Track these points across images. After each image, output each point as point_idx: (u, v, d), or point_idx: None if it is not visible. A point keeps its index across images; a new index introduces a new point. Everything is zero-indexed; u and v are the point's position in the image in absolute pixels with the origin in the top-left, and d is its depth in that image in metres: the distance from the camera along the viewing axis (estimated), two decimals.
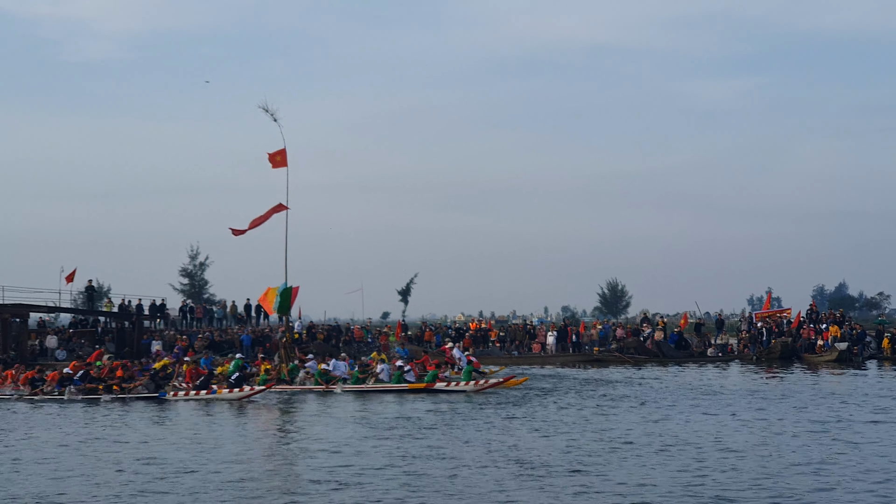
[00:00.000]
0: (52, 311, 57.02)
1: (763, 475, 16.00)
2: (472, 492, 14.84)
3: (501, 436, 20.92)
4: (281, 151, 35.46)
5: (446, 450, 18.94)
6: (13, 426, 24.26)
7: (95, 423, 24.66)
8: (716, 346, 52.89)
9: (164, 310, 60.94)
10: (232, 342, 52.22)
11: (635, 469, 16.73)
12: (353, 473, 16.40)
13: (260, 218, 35.00)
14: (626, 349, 50.99)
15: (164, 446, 20.22)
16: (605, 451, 18.55)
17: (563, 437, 20.60)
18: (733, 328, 62.66)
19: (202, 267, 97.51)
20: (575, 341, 53.91)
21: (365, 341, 53.25)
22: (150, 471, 17.09)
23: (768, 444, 19.81)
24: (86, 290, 60.46)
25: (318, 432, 22.05)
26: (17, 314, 51.93)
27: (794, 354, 48.25)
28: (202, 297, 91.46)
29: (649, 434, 21.06)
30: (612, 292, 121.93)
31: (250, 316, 61.42)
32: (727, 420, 23.97)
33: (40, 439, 21.55)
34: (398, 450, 19.03)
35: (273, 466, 17.69)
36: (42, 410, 28.30)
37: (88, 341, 53.38)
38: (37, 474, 16.93)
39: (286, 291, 34.71)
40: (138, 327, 55.07)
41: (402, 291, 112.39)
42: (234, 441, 21.09)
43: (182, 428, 23.66)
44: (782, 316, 54.03)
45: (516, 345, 54.32)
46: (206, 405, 29.16)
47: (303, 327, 55.05)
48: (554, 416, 24.76)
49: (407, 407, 27.76)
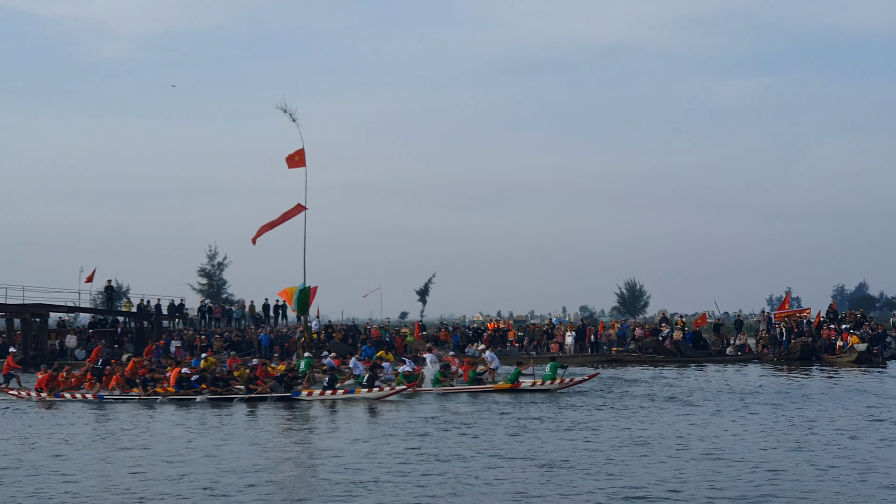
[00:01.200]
0: (71, 311, 57.35)
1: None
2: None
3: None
4: (299, 151, 35.51)
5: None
6: (208, 431, 23.35)
7: (279, 426, 24.20)
8: (735, 346, 52.66)
9: (182, 310, 61.14)
10: (250, 342, 52.33)
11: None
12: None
13: (277, 219, 35.04)
14: (645, 349, 50.85)
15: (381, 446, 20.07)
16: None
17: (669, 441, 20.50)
18: (752, 328, 62.39)
19: (220, 267, 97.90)
20: (593, 341, 53.81)
21: (383, 341, 53.19)
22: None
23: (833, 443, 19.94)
24: (105, 290, 60.72)
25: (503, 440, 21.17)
26: (38, 314, 52.25)
27: (813, 355, 47.99)
28: (220, 298, 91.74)
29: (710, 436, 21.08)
30: (631, 292, 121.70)
31: (268, 316, 61.55)
32: (777, 419, 24.09)
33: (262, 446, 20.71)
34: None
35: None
36: (197, 413, 27.28)
37: (108, 341, 53.56)
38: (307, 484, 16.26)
39: (304, 291, 34.74)
40: (157, 327, 55.29)
41: (421, 291, 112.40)
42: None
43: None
44: (802, 316, 53.81)
45: (534, 345, 54.22)
46: (336, 405, 28.84)
47: (320, 327, 55.08)
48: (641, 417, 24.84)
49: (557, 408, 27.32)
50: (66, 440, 21.57)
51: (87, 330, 56.76)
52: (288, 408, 28.16)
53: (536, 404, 28.17)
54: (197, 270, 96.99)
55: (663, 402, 28.41)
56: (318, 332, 51.86)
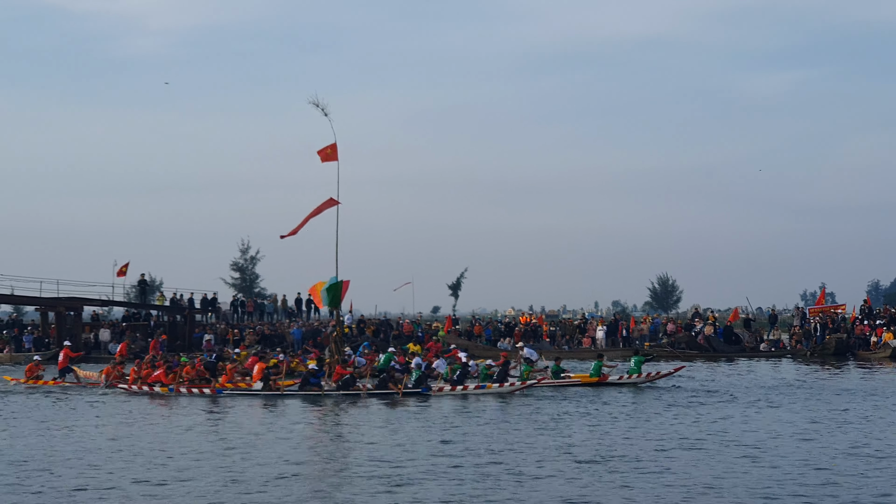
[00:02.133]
0: (105, 304, 57.73)
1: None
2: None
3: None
4: (332, 146, 35.45)
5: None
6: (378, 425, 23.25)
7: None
8: (768, 341, 52.37)
9: (215, 304, 61.40)
10: (283, 336, 52.51)
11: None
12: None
13: (310, 214, 35.05)
14: (677, 344, 50.64)
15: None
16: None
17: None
18: (786, 324, 62.01)
19: (253, 261, 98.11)
20: (625, 336, 53.71)
21: (415, 335, 53.22)
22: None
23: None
24: (138, 283, 61.17)
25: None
26: (72, 308, 52.64)
27: (848, 351, 47.63)
28: (253, 292, 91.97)
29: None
30: (663, 287, 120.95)
31: (301, 310, 61.72)
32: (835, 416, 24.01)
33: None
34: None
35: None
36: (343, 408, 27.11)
37: (141, 335, 53.93)
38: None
39: (336, 285, 34.72)
40: (190, 321, 55.54)
41: (453, 286, 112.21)
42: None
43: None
44: (837, 312, 53.43)
45: (566, 339, 54.16)
46: (467, 400, 28.71)
47: (353, 321, 55.17)
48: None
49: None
50: (285, 438, 20.90)
51: (121, 323, 57.14)
52: (424, 402, 28.01)
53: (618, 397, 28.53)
54: (230, 264, 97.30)
55: (706, 397, 28.56)
56: (350, 327, 51.90)
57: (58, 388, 33.32)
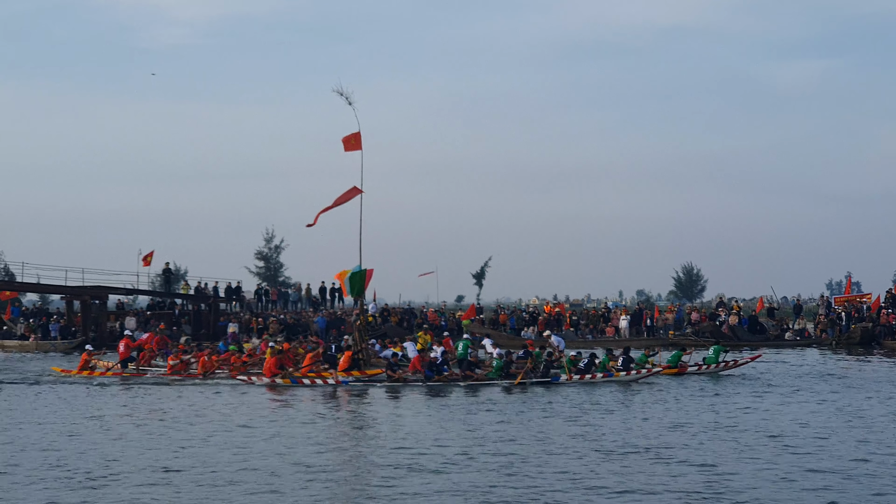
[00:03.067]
0: (130, 293, 58.03)
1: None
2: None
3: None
4: (355, 135, 35.42)
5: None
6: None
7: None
8: (794, 330, 52.15)
9: (239, 293, 61.60)
10: (306, 325, 52.62)
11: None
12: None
13: (334, 202, 35.06)
14: (702, 333, 50.46)
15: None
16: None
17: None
18: (811, 313, 61.74)
19: (277, 250, 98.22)
20: (649, 325, 53.59)
21: (438, 324, 53.23)
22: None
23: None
24: (163, 272, 61.44)
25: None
26: (97, 296, 52.94)
27: (873, 340, 47.38)
28: (277, 280, 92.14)
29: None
30: (688, 276, 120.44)
31: (325, 299, 61.82)
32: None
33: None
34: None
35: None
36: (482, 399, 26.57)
37: (166, 323, 54.16)
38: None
39: (359, 274, 34.74)
40: (214, 310, 55.75)
41: (477, 275, 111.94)
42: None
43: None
44: (862, 301, 53.14)
45: (590, 329, 54.09)
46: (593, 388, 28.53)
47: (377, 310, 55.20)
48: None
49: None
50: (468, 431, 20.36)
51: (146, 312, 57.42)
52: (549, 391, 27.80)
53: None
54: (254, 253, 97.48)
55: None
56: (374, 315, 51.91)
57: (139, 380, 32.39)
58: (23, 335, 51.74)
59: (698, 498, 13.65)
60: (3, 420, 22.09)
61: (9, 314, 55.90)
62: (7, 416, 22.92)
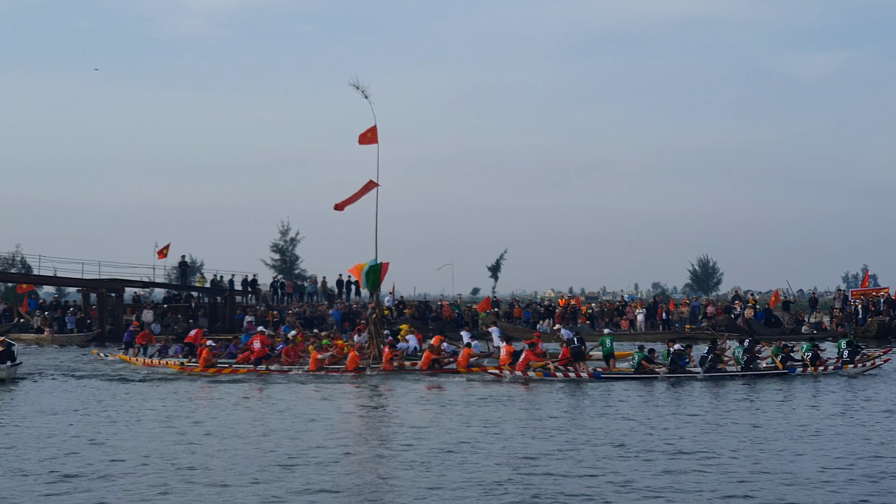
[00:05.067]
0: (146, 286, 58.22)
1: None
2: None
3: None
4: (371, 129, 35.49)
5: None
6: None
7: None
8: (810, 324, 52.01)
9: (255, 285, 61.77)
10: (322, 318, 52.72)
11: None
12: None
13: (353, 196, 35.13)
14: (717, 326, 50.37)
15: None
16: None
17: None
18: (827, 306, 61.57)
19: (293, 242, 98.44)
20: (664, 318, 53.49)
21: (453, 317, 53.25)
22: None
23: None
24: (179, 265, 61.56)
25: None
26: (113, 289, 53.13)
27: (890, 333, 47.24)
28: (293, 273, 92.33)
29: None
30: (704, 269, 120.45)
31: (341, 291, 61.90)
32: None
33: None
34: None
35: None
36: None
37: (183, 316, 54.35)
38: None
39: (376, 268, 34.81)
40: (230, 303, 55.89)
41: (492, 267, 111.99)
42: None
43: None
44: (879, 295, 52.97)
45: (605, 322, 54.02)
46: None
47: (393, 303, 55.25)
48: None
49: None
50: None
51: (162, 305, 57.58)
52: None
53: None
54: (270, 246, 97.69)
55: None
56: (389, 308, 51.92)
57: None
58: (39, 328, 51.93)
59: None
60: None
61: (26, 307, 56.10)
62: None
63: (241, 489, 13.72)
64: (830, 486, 13.92)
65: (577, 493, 13.41)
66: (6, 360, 29.53)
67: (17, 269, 74.25)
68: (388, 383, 28.48)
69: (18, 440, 18.02)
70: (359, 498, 13.36)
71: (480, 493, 13.38)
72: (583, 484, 14.01)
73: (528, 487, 13.76)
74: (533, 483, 14.06)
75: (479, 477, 14.44)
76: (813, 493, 13.47)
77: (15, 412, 22.20)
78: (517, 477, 14.45)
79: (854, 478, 14.41)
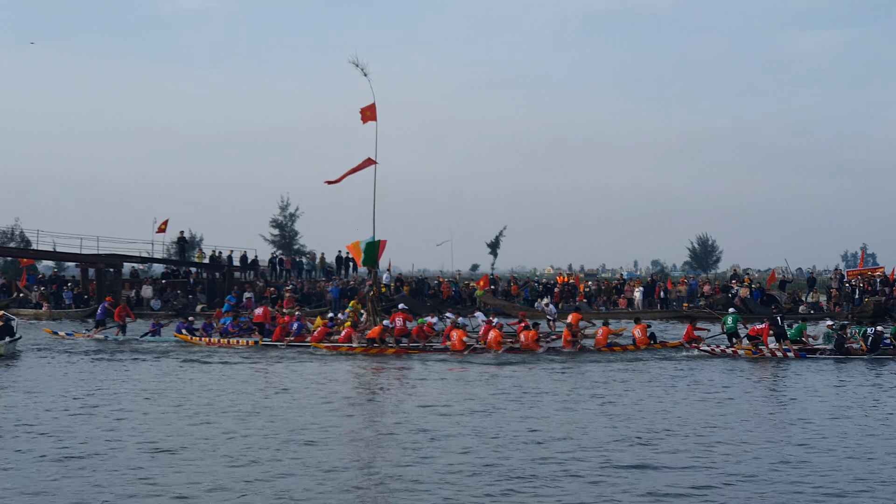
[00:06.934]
0: (145, 261, 58.23)
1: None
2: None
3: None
4: (371, 106, 35.54)
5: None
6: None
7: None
8: (807, 303, 52.00)
9: (255, 263, 61.82)
10: (321, 294, 52.74)
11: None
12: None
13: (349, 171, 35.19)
14: (715, 305, 50.41)
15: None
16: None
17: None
18: (824, 285, 61.56)
19: (292, 218, 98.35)
20: (662, 297, 53.53)
21: (450, 294, 53.23)
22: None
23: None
24: (178, 241, 61.55)
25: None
26: (112, 264, 53.15)
27: (886, 313, 47.25)
28: (292, 249, 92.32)
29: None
30: (703, 247, 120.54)
31: (340, 268, 61.91)
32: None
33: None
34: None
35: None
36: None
37: (182, 292, 54.36)
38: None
39: (373, 244, 34.88)
40: (229, 279, 55.92)
41: (492, 244, 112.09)
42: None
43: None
44: (875, 275, 52.98)
45: (603, 300, 54.06)
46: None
47: (391, 279, 55.18)
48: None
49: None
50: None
51: (161, 280, 57.59)
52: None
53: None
54: (269, 221, 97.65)
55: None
56: (387, 285, 51.92)
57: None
58: (37, 303, 51.99)
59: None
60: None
61: (24, 281, 56.15)
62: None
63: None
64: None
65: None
66: (5, 336, 29.61)
67: (16, 243, 74.31)
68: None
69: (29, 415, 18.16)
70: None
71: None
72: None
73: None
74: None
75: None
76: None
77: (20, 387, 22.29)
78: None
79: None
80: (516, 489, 12.55)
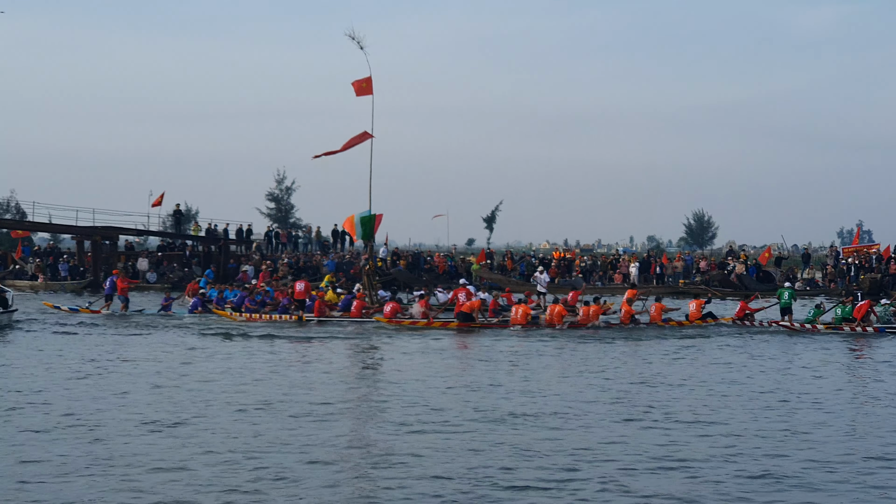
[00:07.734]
0: (140, 234, 58.16)
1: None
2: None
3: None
4: (367, 79, 35.46)
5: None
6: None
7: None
8: (803, 280, 52.01)
9: (250, 235, 61.77)
10: (316, 268, 52.70)
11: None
12: None
13: (344, 146, 35.13)
14: (711, 282, 50.46)
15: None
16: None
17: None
18: (820, 262, 61.57)
19: (289, 191, 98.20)
20: (658, 273, 53.53)
21: (446, 269, 53.16)
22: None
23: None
24: (174, 213, 61.50)
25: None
26: (108, 237, 53.08)
27: (881, 290, 47.29)
28: (288, 222, 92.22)
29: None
30: (699, 223, 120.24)
31: (336, 241, 61.88)
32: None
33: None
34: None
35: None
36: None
37: (178, 264, 54.32)
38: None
39: (368, 218, 34.85)
40: (225, 252, 55.85)
41: (488, 219, 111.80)
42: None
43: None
44: (871, 252, 53.02)
45: (599, 275, 54.06)
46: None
47: (388, 253, 55.16)
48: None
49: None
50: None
51: (157, 253, 57.57)
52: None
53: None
54: (265, 194, 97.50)
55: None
56: (383, 260, 51.84)
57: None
58: (33, 275, 51.94)
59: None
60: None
61: (20, 253, 56.10)
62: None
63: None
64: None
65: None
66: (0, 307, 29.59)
67: (12, 214, 74.27)
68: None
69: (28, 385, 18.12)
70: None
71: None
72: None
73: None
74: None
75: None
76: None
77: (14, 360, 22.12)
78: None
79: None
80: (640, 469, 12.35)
